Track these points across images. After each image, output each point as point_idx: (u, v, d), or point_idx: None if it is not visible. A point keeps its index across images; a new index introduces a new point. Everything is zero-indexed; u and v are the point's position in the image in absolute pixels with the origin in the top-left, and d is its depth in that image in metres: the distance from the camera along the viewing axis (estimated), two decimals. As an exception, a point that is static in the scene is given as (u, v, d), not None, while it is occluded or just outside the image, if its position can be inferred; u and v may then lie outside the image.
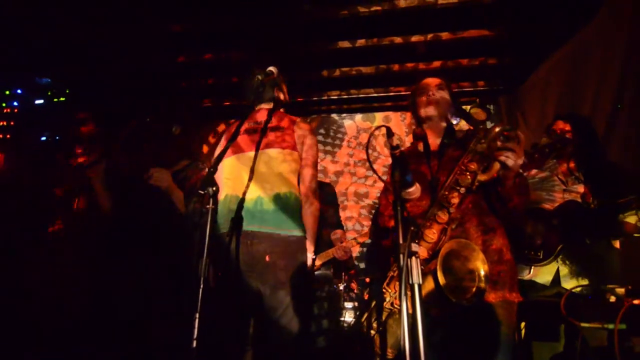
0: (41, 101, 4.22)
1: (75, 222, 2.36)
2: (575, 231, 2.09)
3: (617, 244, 2.19)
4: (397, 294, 1.44)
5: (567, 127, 2.33)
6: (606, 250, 2.15)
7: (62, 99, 4.14)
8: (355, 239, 3.07)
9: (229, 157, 1.88)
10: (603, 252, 2.14)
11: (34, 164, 3.62)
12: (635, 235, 2.07)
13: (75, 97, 4.14)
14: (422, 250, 1.39)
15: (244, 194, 1.72)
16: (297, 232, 1.78)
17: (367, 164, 5.18)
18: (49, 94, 4.19)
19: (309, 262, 1.83)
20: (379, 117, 5.32)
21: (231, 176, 1.85)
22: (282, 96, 2.06)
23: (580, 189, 2.23)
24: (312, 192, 1.88)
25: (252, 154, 1.80)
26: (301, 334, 1.70)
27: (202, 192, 1.37)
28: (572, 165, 2.30)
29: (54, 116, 4.10)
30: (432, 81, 1.73)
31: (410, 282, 0.96)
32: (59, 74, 4.25)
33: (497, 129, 1.32)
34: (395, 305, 1.42)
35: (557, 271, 2.13)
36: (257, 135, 1.86)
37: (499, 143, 1.32)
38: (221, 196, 1.82)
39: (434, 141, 1.67)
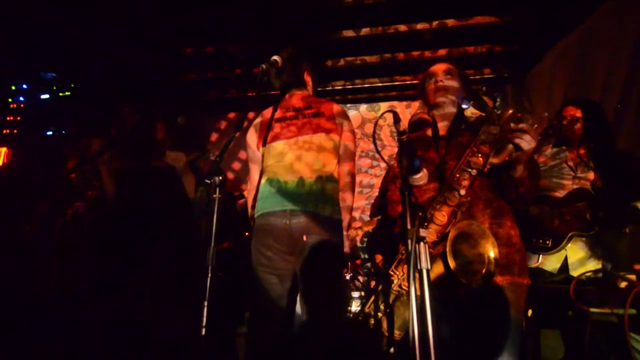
0: (47, 96, 4.24)
1: (86, 212, 2.38)
2: (585, 219, 2.07)
3: (627, 231, 2.17)
4: (405, 276, 1.44)
5: (578, 114, 2.28)
6: (616, 237, 2.13)
7: (67, 93, 4.16)
8: (360, 227, 3.07)
9: (270, 144, 1.93)
10: (612, 240, 2.11)
11: (41, 157, 3.66)
12: None
13: (82, 91, 4.15)
14: (431, 233, 1.39)
15: (287, 176, 1.80)
16: (335, 215, 1.82)
17: (372, 154, 5.17)
18: (54, 88, 4.21)
19: (346, 245, 1.87)
20: (383, 107, 5.29)
21: (273, 161, 1.90)
22: (310, 80, 2.13)
23: (590, 176, 2.20)
24: (352, 179, 1.94)
25: (294, 139, 1.87)
26: (336, 314, 1.72)
27: (209, 182, 1.37)
28: (582, 152, 2.26)
29: (59, 111, 4.12)
30: (439, 67, 1.71)
31: (419, 267, 0.96)
32: (64, 69, 4.25)
33: (510, 111, 1.30)
34: (404, 287, 1.42)
35: (565, 259, 2.11)
36: (297, 120, 1.93)
37: (512, 125, 1.29)
38: (263, 180, 1.88)
39: (443, 127, 1.66)
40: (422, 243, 0.97)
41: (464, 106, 1.64)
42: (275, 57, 1.94)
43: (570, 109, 2.31)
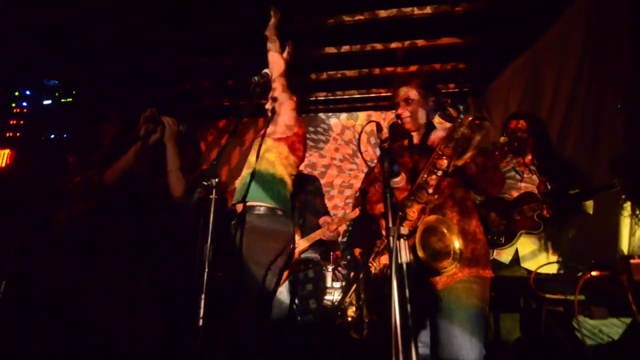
0: (49, 102, 4.07)
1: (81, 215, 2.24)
2: (532, 219, 2.14)
3: (567, 228, 2.25)
4: (382, 267, 1.45)
5: (520, 125, 2.33)
6: (559, 231, 2.20)
7: (69, 99, 4.00)
8: (344, 216, 3.06)
9: None
10: (556, 234, 2.19)
11: (43, 160, 3.50)
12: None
13: (82, 99, 4.00)
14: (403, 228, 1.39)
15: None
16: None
17: (351, 159, 5.18)
18: (57, 95, 4.05)
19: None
20: (361, 116, 5.31)
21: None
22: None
23: (536, 180, 2.27)
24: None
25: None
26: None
27: (205, 183, 1.34)
28: (528, 159, 2.33)
29: (62, 116, 3.96)
30: (401, 90, 1.72)
31: (399, 261, 0.95)
32: (66, 77, 4.10)
33: (470, 118, 1.32)
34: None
35: (516, 252, 2.18)
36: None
37: (469, 131, 1.31)
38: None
39: (416, 135, 1.67)
40: (402, 239, 0.97)
41: (432, 116, 1.67)
42: (266, 70, 1.93)
43: (512, 122, 2.37)
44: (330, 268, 3.63)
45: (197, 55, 3.96)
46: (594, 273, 1.33)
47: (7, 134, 3.93)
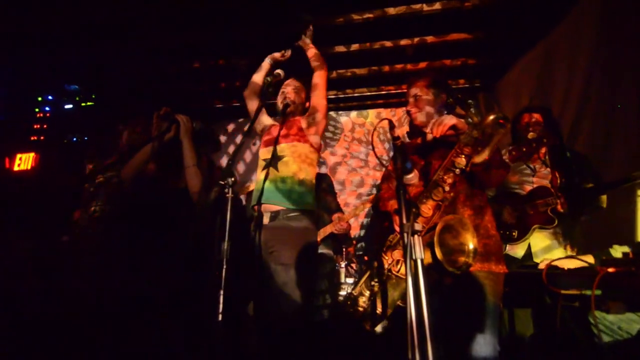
0: (70, 106, 4.17)
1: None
2: (545, 213, 2.09)
3: (581, 222, 2.20)
4: (394, 261, 1.44)
5: (535, 118, 2.27)
6: (572, 226, 2.15)
7: (89, 103, 4.09)
8: (356, 208, 3.05)
9: None
10: (569, 230, 2.14)
11: (66, 162, 3.58)
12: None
13: (102, 102, 4.08)
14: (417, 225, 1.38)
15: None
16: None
17: (362, 156, 5.16)
18: (77, 99, 4.14)
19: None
20: (371, 114, 5.28)
21: None
22: None
23: (548, 175, 2.21)
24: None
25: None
26: None
27: (222, 182, 1.35)
28: (542, 152, 2.27)
29: (82, 119, 4.04)
30: (412, 90, 1.71)
31: (414, 257, 0.95)
32: (87, 82, 4.18)
33: (492, 117, 1.29)
34: (393, 272, 1.42)
35: (529, 247, 2.13)
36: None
37: (491, 129, 1.29)
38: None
39: (430, 135, 1.65)
40: (416, 235, 0.96)
41: (445, 114, 1.64)
42: (278, 71, 1.93)
43: (525, 117, 2.31)
44: (343, 264, 3.63)
45: (207, 58, 3.98)
46: (610, 270, 1.29)
47: (32, 138, 4.04)
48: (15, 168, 3.93)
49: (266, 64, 2.22)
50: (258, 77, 2.19)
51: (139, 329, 1.87)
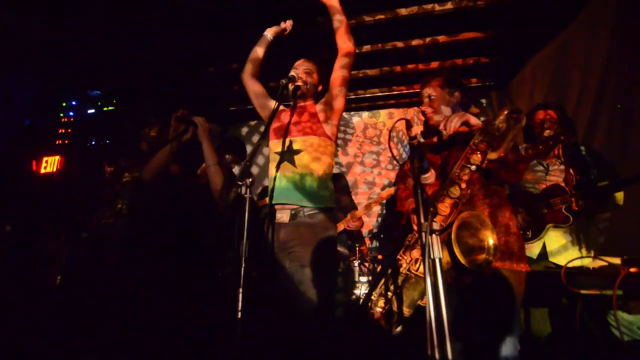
0: (93, 110, 4.28)
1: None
2: (560, 212, 2.05)
3: (597, 221, 2.14)
4: (412, 260, 1.42)
5: (549, 115, 2.21)
6: (587, 224, 2.10)
7: (111, 108, 4.19)
8: (368, 205, 3.04)
9: None
10: (585, 227, 2.08)
11: (90, 165, 3.67)
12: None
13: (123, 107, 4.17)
14: (435, 223, 1.36)
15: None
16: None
17: (374, 156, 5.14)
18: (99, 104, 4.24)
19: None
20: (383, 114, 5.25)
21: None
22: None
23: (562, 173, 2.16)
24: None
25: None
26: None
27: (240, 183, 1.36)
28: (556, 151, 2.22)
29: (104, 123, 4.14)
30: (426, 89, 1.69)
31: (432, 256, 0.94)
32: (108, 87, 4.28)
33: (505, 112, 1.26)
34: (412, 271, 1.40)
35: (544, 246, 2.08)
36: None
37: (505, 125, 1.26)
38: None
39: (445, 134, 1.64)
40: (434, 235, 0.95)
41: (457, 110, 1.62)
42: (292, 73, 1.93)
43: (539, 113, 2.25)
44: (356, 263, 3.61)
45: (223, 62, 4.02)
46: (632, 270, 1.25)
47: (57, 142, 4.16)
48: (42, 171, 4.06)
49: (266, 38, 2.11)
50: (259, 51, 2.07)
51: (157, 317, 1.90)
